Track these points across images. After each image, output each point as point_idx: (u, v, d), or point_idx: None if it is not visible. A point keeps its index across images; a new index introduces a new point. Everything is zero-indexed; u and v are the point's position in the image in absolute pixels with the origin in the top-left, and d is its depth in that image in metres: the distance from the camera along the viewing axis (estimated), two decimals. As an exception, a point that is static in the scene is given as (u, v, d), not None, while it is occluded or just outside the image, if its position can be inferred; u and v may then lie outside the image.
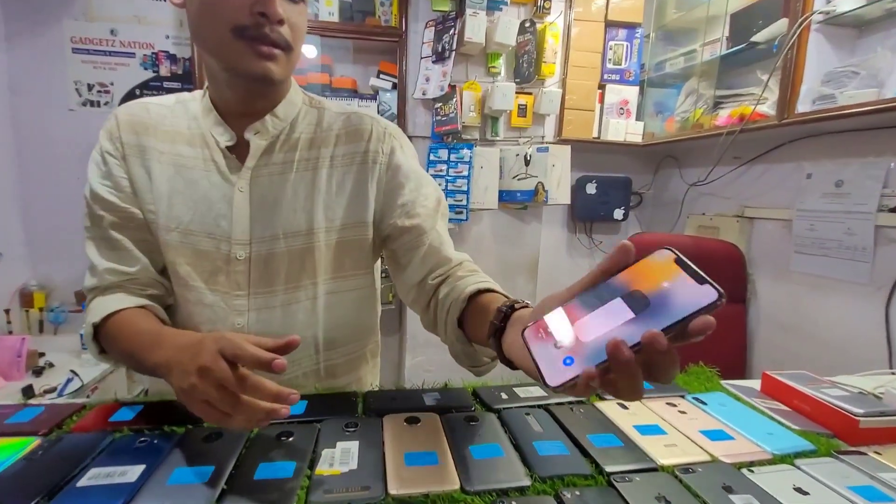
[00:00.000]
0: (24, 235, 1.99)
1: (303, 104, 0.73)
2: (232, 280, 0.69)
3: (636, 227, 2.43)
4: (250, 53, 0.59)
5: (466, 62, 1.93)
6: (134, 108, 0.70)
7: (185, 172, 0.68)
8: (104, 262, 0.68)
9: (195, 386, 0.47)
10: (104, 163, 0.68)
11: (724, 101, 1.69)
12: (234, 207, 0.67)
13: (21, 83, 1.90)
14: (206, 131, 0.69)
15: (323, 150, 0.71)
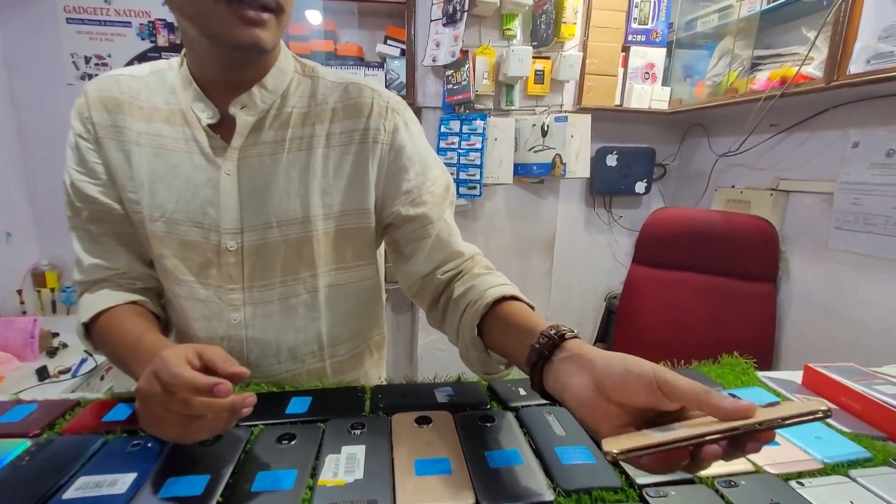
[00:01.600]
0: (32, 215, 1.97)
1: (294, 73, 0.65)
2: (224, 273, 0.63)
3: (659, 200, 2.32)
4: (234, 18, 0.51)
5: (479, 25, 1.80)
6: (104, 83, 0.63)
7: (166, 155, 0.61)
8: (88, 258, 0.65)
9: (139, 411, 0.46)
10: (76, 147, 0.63)
11: (763, 63, 1.54)
12: (222, 193, 0.61)
13: (16, 58, 1.83)
14: (186, 107, 0.61)
15: (318, 127, 0.63)
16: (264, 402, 0.67)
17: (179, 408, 0.42)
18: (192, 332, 0.67)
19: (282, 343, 0.68)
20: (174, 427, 0.45)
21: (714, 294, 1.57)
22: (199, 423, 0.44)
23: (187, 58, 0.62)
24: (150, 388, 0.43)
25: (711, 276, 1.58)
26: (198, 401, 0.42)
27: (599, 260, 2.36)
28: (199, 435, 0.46)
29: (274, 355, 0.68)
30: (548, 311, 2.27)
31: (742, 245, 1.53)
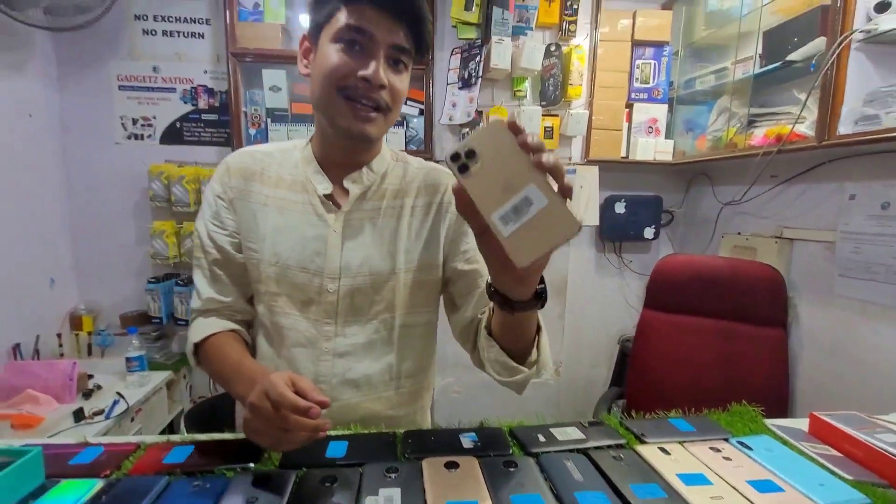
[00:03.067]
0: (74, 261, 2.10)
1: (391, 159, 0.83)
2: (322, 309, 0.77)
3: (668, 245, 2.38)
4: (351, 113, 0.68)
5: (492, 86, 1.96)
6: (242, 157, 0.80)
7: (287, 214, 0.77)
8: (207, 291, 0.80)
9: (247, 420, 0.58)
10: (214, 204, 0.79)
11: (759, 120, 1.65)
12: (329, 246, 0.76)
13: (71, 120, 2.02)
14: (306, 178, 0.78)
15: (406, 200, 0.80)
16: (305, 446, 0.74)
17: (279, 422, 0.54)
18: (290, 356, 0.79)
19: (362, 370, 0.80)
20: (271, 437, 0.57)
21: (726, 338, 1.60)
22: (290, 437, 0.56)
23: (314, 142, 0.80)
24: (261, 403, 0.55)
25: (722, 320, 1.62)
26: (294, 418, 0.54)
27: (611, 303, 2.41)
28: (287, 446, 0.58)
29: (354, 380, 0.80)
30: (561, 353, 2.30)
31: (751, 291, 1.58)
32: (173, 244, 2.03)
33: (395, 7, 0.66)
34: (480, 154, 0.44)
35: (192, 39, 2.04)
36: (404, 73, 0.71)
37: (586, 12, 1.96)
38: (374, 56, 0.67)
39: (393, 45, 0.67)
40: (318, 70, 0.69)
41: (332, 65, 0.67)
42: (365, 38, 0.66)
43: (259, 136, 2.00)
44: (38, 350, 1.86)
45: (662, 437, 0.77)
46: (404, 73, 0.71)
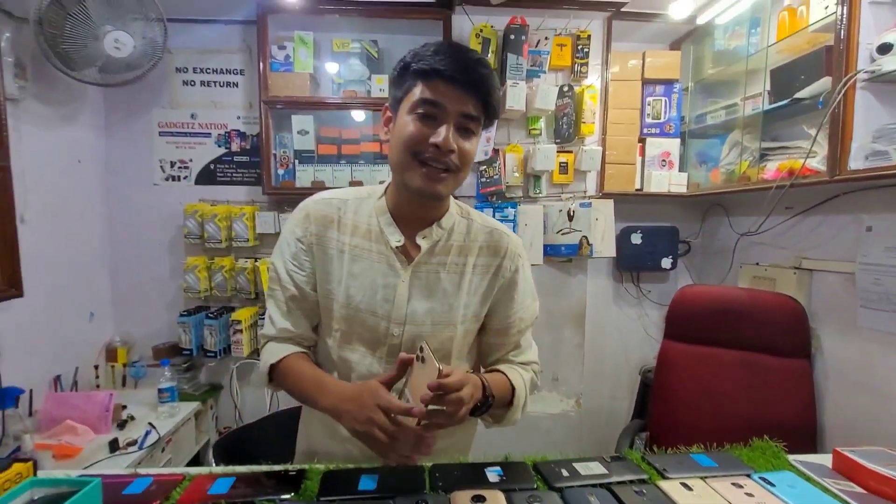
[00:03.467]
0: (112, 295, 2.21)
1: (457, 215, 0.90)
2: (387, 350, 0.85)
3: (686, 275, 2.39)
4: (422, 174, 0.76)
5: (508, 126, 2.04)
6: (321, 204, 0.88)
7: (360, 262, 0.85)
8: (282, 322, 0.88)
9: (367, 430, 0.69)
10: (294, 246, 0.87)
11: (771, 154, 1.68)
12: (397, 294, 0.83)
13: (115, 163, 2.17)
14: (381, 229, 0.85)
15: (469, 258, 0.88)
16: (338, 478, 0.78)
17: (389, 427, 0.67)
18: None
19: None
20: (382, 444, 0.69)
21: (748, 369, 1.59)
22: (396, 445, 0.69)
23: (389, 195, 0.87)
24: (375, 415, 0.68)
25: (744, 351, 1.61)
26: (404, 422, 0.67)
27: (631, 333, 2.41)
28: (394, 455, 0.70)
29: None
30: (582, 384, 2.29)
31: (772, 322, 1.58)
32: (204, 278, 2.13)
33: (465, 81, 0.74)
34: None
35: (227, 88, 2.20)
36: (473, 138, 0.79)
37: (597, 54, 2.05)
38: (444, 124, 0.75)
39: (462, 113, 0.75)
40: (397, 137, 0.78)
41: (409, 133, 0.75)
42: (437, 109, 0.75)
43: (287, 175, 2.11)
44: (77, 381, 1.95)
45: (684, 472, 0.79)
46: (473, 137, 0.78)
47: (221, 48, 2.17)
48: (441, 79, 0.73)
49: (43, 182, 1.77)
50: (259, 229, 2.14)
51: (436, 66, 0.73)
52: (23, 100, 1.68)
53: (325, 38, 2.13)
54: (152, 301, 2.24)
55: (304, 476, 0.79)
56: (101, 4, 1.56)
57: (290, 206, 2.15)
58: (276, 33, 2.10)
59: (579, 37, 1.99)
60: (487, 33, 1.92)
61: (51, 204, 1.83)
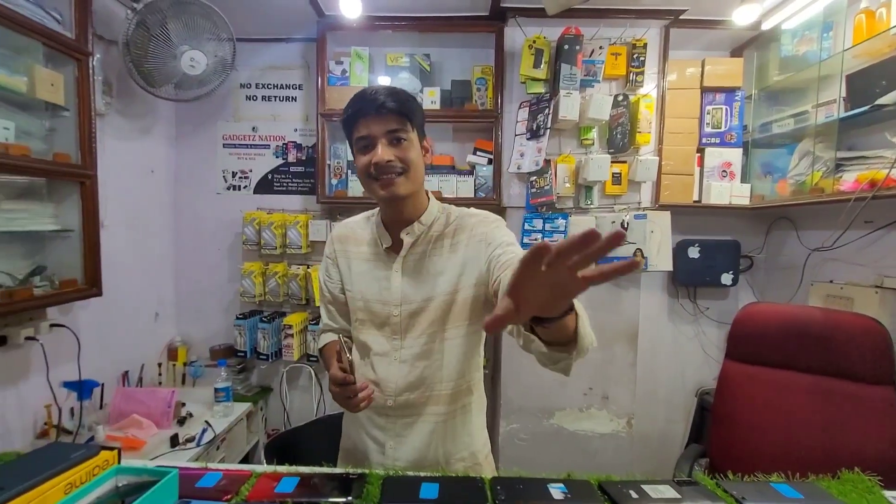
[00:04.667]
0: (175, 298, 2.34)
1: (438, 212, 1.04)
2: (392, 328, 1.01)
3: (748, 292, 2.25)
4: (378, 186, 0.93)
5: (559, 136, 2.02)
6: (341, 228, 1.11)
7: (367, 263, 1.05)
8: (325, 318, 1.15)
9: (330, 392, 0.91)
10: (325, 261, 1.12)
11: (848, 164, 1.57)
12: (392, 283, 1.01)
13: (183, 174, 2.32)
14: (377, 237, 1.05)
15: (445, 241, 1.02)
16: (399, 485, 0.78)
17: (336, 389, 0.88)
18: (372, 362, 1.03)
19: (417, 372, 1.00)
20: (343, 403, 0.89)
21: (823, 395, 1.47)
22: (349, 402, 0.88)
23: (379, 211, 1.06)
24: (330, 387, 0.90)
25: (818, 375, 1.49)
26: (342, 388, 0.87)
27: (687, 352, 2.29)
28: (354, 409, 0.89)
29: (416, 380, 1.01)
30: (634, 404, 2.19)
31: (850, 345, 1.45)
32: (259, 283, 2.22)
33: (375, 110, 0.90)
34: None
35: (286, 103, 2.30)
36: (405, 143, 0.92)
37: (653, 63, 2.00)
38: (376, 146, 0.91)
39: (387, 131, 0.91)
40: (357, 171, 0.97)
41: (359, 165, 0.94)
42: (368, 140, 0.92)
43: (340, 185, 2.18)
44: (142, 378, 2.07)
45: (766, 502, 0.73)
46: (405, 142, 0.92)
47: (282, 65, 2.28)
48: (361, 117, 0.91)
49: (120, 190, 1.91)
50: (312, 237, 2.21)
51: (353, 110, 0.92)
52: (107, 114, 1.83)
53: (379, 53, 2.20)
54: (211, 304, 2.35)
55: (364, 480, 0.80)
56: (180, 26, 1.68)
57: (342, 214, 2.21)
58: (333, 49, 2.18)
59: (635, 45, 1.95)
60: (540, 44, 1.91)
61: (126, 211, 1.97)
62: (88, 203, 1.52)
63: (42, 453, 0.71)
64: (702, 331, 2.28)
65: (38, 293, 1.38)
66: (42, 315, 1.50)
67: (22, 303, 1.31)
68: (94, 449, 0.72)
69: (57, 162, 1.40)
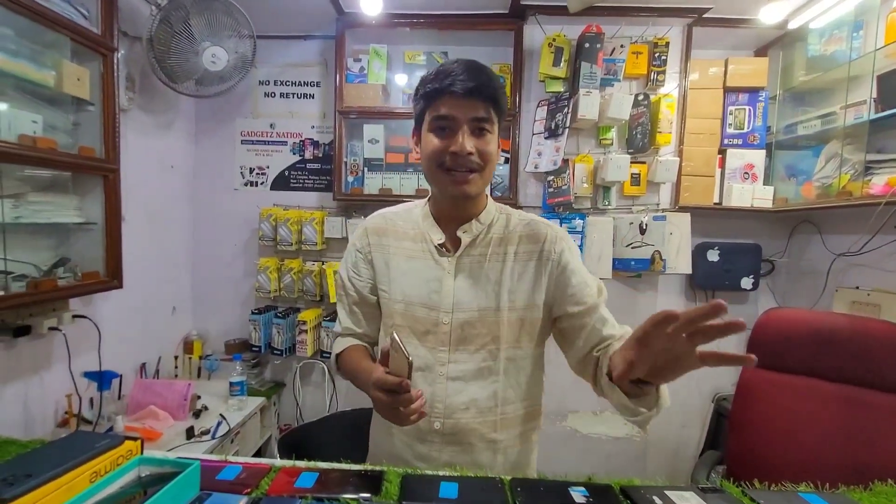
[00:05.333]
0: (192, 292, 2.37)
1: (496, 212, 0.95)
2: (437, 339, 0.90)
3: (768, 297, 2.21)
4: (449, 180, 0.84)
5: (577, 135, 2.00)
6: (376, 219, 0.99)
7: (410, 261, 0.93)
8: (346, 321, 1.01)
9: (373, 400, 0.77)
10: (354, 257, 0.99)
11: (878, 167, 1.53)
12: (443, 285, 0.90)
13: (201, 169, 2.35)
14: (425, 231, 0.94)
15: (509, 247, 0.92)
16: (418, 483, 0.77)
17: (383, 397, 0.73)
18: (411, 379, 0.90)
19: (470, 394, 0.90)
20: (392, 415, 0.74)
21: (849, 404, 1.42)
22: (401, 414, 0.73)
23: (430, 202, 0.96)
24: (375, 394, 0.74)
25: (842, 384, 1.45)
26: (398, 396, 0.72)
27: (704, 357, 2.25)
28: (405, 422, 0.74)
29: (463, 402, 0.90)
30: (648, 409, 2.16)
31: (877, 353, 1.41)
32: (275, 279, 2.23)
33: (467, 91, 0.80)
34: None
35: (304, 100, 2.32)
36: (489, 135, 0.84)
37: (675, 62, 1.97)
38: (458, 132, 0.82)
39: (472, 118, 0.82)
40: (423, 154, 0.87)
41: (431, 149, 0.84)
42: (449, 122, 0.82)
43: (356, 182, 2.18)
44: (158, 370, 2.10)
45: (796, 512, 0.71)
46: (489, 135, 0.84)
47: (300, 62, 2.29)
48: (447, 95, 0.81)
49: (141, 185, 1.94)
50: (327, 234, 2.22)
51: (440, 85, 0.82)
52: (129, 110, 1.85)
53: (396, 51, 2.20)
54: (227, 298, 2.38)
55: (383, 477, 0.79)
56: (203, 23, 1.70)
57: (357, 212, 2.22)
58: (351, 47, 2.19)
59: (657, 44, 1.92)
60: (561, 42, 1.90)
61: (146, 205, 2.00)
62: (111, 197, 1.54)
63: (68, 442, 0.72)
64: (720, 335, 2.23)
65: (61, 284, 1.40)
66: (65, 306, 1.52)
67: (47, 293, 1.33)
68: (118, 439, 0.73)
69: (82, 156, 1.42)
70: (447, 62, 0.85)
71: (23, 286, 1.29)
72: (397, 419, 0.74)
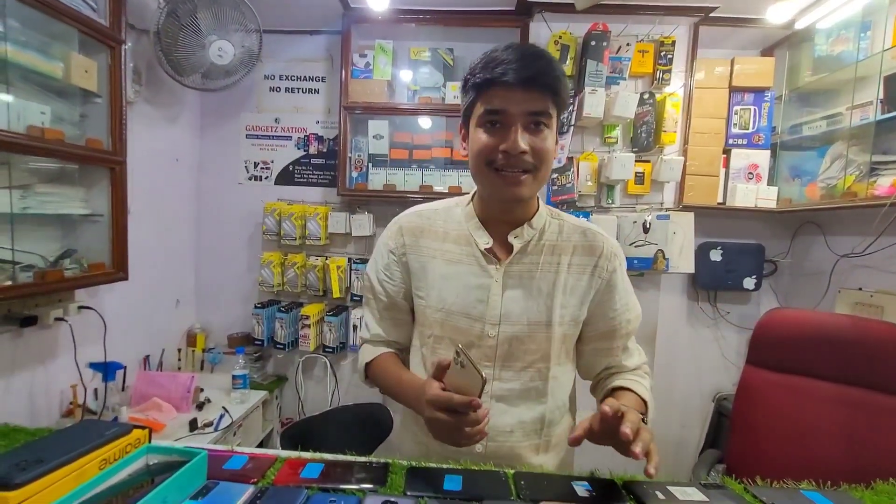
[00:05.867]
0: (195, 285, 2.38)
1: (548, 216, 0.88)
2: (482, 352, 0.84)
3: (771, 297, 2.21)
4: (500, 181, 0.76)
5: (582, 133, 2.00)
6: (411, 217, 0.91)
7: (452, 265, 0.85)
8: (375, 328, 0.94)
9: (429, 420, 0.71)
10: (386, 257, 0.91)
11: (883, 168, 1.52)
12: (491, 294, 0.83)
13: (206, 163, 2.35)
14: (470, 233, 0.86)
15: (563, 257, 0.85)
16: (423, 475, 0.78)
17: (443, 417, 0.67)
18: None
19: (517, 415, 0.85)
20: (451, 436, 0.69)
21: (850, 406, 1.43)
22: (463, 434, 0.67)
23: (475, 201, 0.88)
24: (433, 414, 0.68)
25: (845, 385, 1.45)
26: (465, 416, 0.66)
27: (705, 356, 2.25)
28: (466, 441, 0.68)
29: (509, 424, 0.85)
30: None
31: (880, 355, 1.41)
32: (278, 273, 2.24)
33: (522, 81, 0.71)
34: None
35: (309, 95, 2.32)
36: (546, 131, 0.75)
37: (681, 61, 1.97)
38: (511, 128, 0.73)
39: (528, 112, 0.73)
40: (471, 151, 0.79)
41: (479, 146, 0.76)
42: (501, 116, 0.74)
43: (360, 178, 2.18)
44: (162, 363, 2.11)
45: (798, 509, 0.71)
46: (546, 130, 0.75)
47: (306, 57, 2.29)
48: (498, 86, 0.72)
49: (146, 178, 1.94)
50: (331, 229, 2.22)
51: (490, 75, 0.72)
52: (136, 103, 1.86)
53: (402, 47, 2.20)
54: (230, 292, 2.39)
55: (388, 469, 0.80)
56: (210, 16, 1.70)
57: (361, 207, 2.22)
58: (357, 42, 2.19)
59: (663, 43, 1.92)
60: (567, 40, 1.89)
61: (152, 198, 2.00)
62: (117, 189, 1.55)
63: (77, 429, 0.72)
64: (721, 335, 2.24)
65: (68, 275, 1.41)
66: (71, 297, 1.53)
67: (53, 284, 1.34)
68: (126, 427, 0.74)
69: (89, 147, 1.43)
70: (498, 47, 0.74)
71: (30, 276, 1.30)
72: (455, 440, 0.68)
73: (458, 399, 0.65)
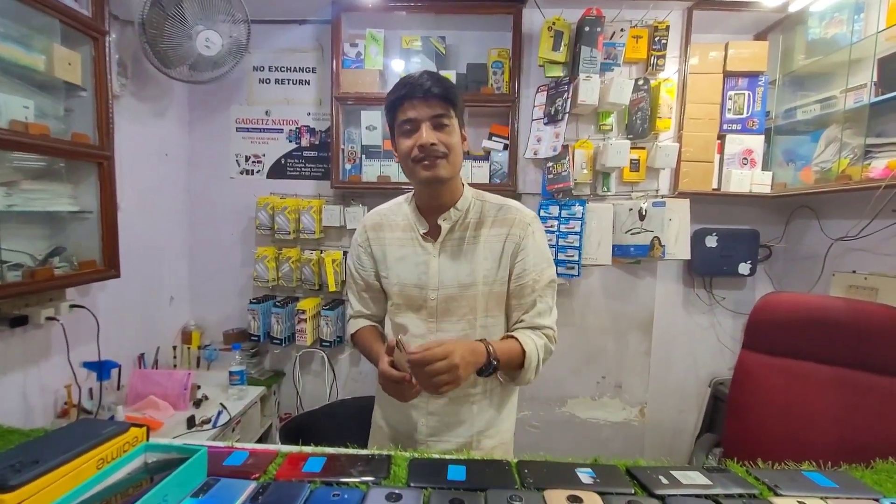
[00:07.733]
0: (189, 281, 2.35)
1: (472, 198, 1.08)
2: (427, 312, 1.05)
3: (766, 282, 2.22)
4: (421, 169, 0.98)
5: (576, 121, 1.98)
6: (373, 216, 1.14)
7: (403, 249, 1.08)
8: (357, 305, 1.18)
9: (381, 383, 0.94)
10: (356, 250, 1.15)
11: (878, 151, 1.53)
12: (430, 268, 1.05)
13: (196, 157, 2.31)
14: (412, 223, 1.08)
15: (483, 230, 1.06)
16: (428, 467, 0.77)
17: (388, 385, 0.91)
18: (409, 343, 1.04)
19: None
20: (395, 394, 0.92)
21: (844, 387, 1.44)
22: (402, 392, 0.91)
23: (414, 197, 1.10)
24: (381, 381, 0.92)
25: (840, 367, 1.46)
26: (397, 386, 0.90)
27: (701, 342, 2.27)
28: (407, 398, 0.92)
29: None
30: (647, 392, 2.19)
31: (874, 336, 1.42)
32: (273, 268, 2.22)
33: (422, 94, 0.95)
34: None
35: (300, 86, 2.28)
36: (450, 127, 0.97)
37: (675, 46, 1.95)
38: (420, 129, 0.95)
39: (431, 116, 0.96)
40: (399, 155, 1.02)
41: (403, 147, 0.98)
42: (413, 123, 0.96)
43: (354, 170, 2.16)
44: (157, 360, 2.09)
45: (800, 490, 0.72)
46: (448, 127, 0.97)
47: (296, 48, 2.25)
48: (407, 101, 0.96)
49: (135, 173, 1.91)
50: (325, 222, 2.20)
51: (397, 96, 0.97)
52: (122, 96, 1.82)
53: (394, 36, 2.16)
54: (225, 288, 2.36)
55: (390, 461, 0.80)
56: (196, 5, 1.66)
57: (355, 200, 2.20)
58: (348, 31, 2.15)
59: (657, 28, 1.90)
60: (560, 26, 1.87)
61: (141, 194, 1.97)
62: (106, 184, 1.52)
63: (73, 429, 0.71)
64: (717, 321, 2.26)
65: (58, 273, 1.38)
66: (62, 296, 1.50)
67: (43, 283, 1.31)
68: (123, 426, 0.73)
69: (75, 142, 1.39)
70: (405, 75, 1.00)
71: (18, 275, 1.28)
72: (398, 398, 0.93)
73: (396, 375, 0.88)
